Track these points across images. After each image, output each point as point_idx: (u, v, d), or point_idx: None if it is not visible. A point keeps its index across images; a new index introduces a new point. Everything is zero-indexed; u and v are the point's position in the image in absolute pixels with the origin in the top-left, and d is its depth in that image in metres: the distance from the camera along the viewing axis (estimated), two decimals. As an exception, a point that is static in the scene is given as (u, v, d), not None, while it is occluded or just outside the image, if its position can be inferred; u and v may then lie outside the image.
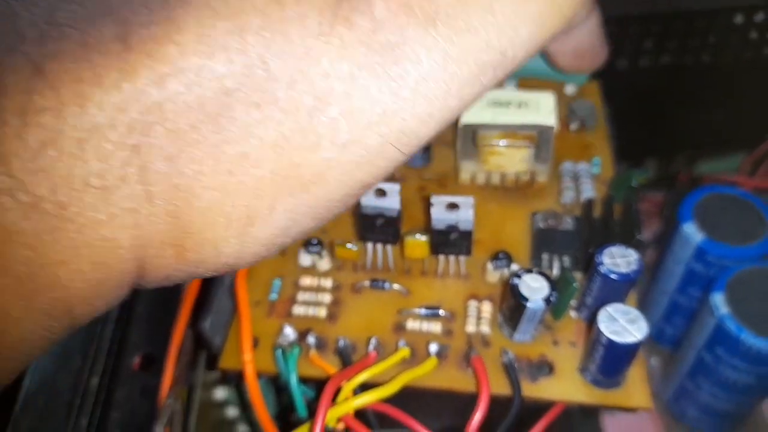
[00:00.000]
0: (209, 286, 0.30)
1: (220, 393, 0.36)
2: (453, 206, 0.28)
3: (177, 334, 0.31)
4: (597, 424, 0.45)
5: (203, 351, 0.35)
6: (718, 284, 0.36)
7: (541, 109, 0.31)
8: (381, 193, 0.29)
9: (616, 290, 0.26)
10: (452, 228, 0.28)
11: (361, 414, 0.26)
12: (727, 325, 0.34)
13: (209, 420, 0.35)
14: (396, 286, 0.30)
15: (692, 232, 0.38)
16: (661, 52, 0.46)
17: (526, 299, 0.25)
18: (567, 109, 0.36)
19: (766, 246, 0.37)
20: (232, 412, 0.37)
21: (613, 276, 0.26)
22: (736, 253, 0.37)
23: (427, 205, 0.30)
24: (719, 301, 0.35)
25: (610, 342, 0.24)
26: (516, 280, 0.26)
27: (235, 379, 0.30)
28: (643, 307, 0.31)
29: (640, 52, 0.46)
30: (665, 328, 0.44)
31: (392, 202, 0.29)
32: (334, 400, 0.26)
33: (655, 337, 0.45)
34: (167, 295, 0.31)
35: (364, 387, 0.26)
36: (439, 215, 0.28)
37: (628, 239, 0.27)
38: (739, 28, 0.45)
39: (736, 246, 0.37)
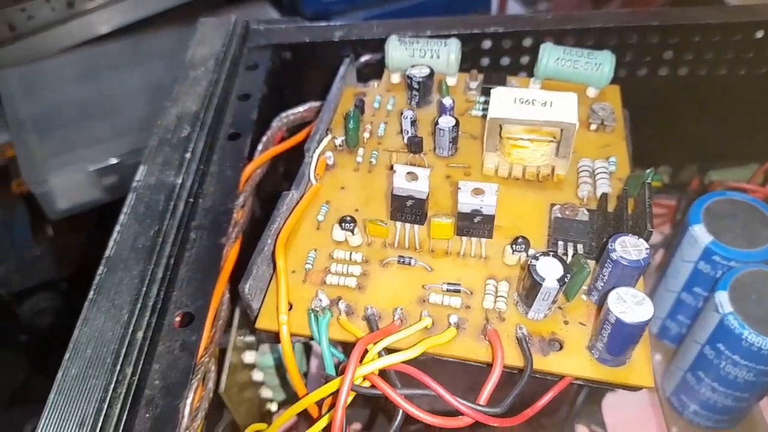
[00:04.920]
0: (249, 253, 0.32)
1: (249, 357, 0.39)
2: (478, 191, 0.30)
3: (216, 297, 0.33)
4: (599, 415, 0.47)
5: (239, 314, 0.37)
6: (723, 283, 0.38)
7: (564, 108, 0.33)
8: (412, 176, 0.31)
9: (626, 276, 0.28)
10: (476, 212, 0.30)
11: (384, 374, 0.28)
12: (730, 323, 0.36)
13: (237, 380, 0.37)
14: (421, 262, 0.32)
15: (701, 234, 0.40)
16: (679, 63, 0.48)
17: (543, 278, 0.28)
18: (588, 110, 0.38)
19: (771, 250, 0.39)
20: (257, 375, 0.40)
21: (624, 262, 0.28)
22: (743, 256, 0.39)
23: (453, 191, 0.33)
24: (723, 299, 0.37)
25: (618, 320, 0.27)
26: (533, 262, 0.28)
27: (269, 340, 0.32)
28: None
29: (659, 62, 0.48)
30: (670, 326, 0.46)
31: (422, 185, 0.31)
32: (361, 360, 0.28)
33: (660, 334, 0.47)
34: (208, 260, 0.34)
35: (389, 352, 0.29)
36: (465, 199, 0.30)
37: (640, 232, 0.30)
38: (757, 43, 0.47)
39: (742, 249, 0.39)
